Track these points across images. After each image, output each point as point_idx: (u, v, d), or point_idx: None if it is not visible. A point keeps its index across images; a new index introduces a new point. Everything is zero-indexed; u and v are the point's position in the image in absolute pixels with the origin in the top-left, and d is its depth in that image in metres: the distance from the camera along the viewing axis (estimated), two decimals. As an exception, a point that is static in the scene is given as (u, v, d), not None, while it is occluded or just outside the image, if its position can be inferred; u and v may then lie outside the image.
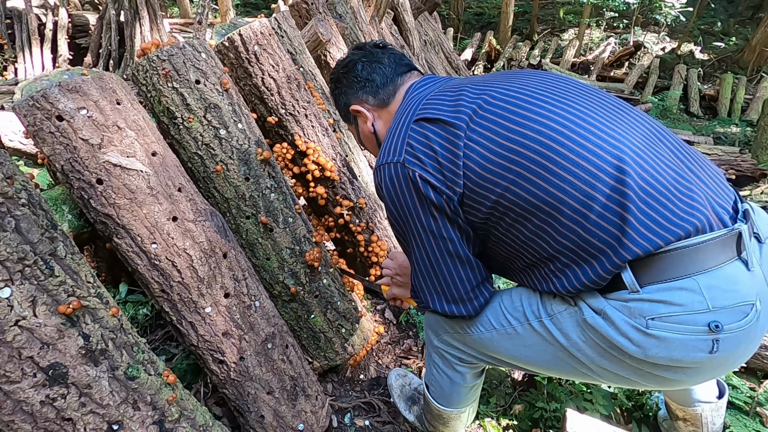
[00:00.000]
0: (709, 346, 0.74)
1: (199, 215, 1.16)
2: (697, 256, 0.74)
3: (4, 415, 0.79)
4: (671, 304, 0.74)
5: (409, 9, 4.38)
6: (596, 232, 0.76)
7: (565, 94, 0.84)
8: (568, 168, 0.77)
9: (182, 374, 1.40)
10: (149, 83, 1.22)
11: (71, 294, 0.85)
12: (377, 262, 1.85)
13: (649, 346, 0.76)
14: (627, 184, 0.75)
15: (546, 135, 0.78)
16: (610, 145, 0.77)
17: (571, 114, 0.80)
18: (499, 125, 0.81)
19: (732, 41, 8.99)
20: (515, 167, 0.79)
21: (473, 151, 0.82)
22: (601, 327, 0.79)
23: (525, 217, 0.82)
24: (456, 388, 1.17)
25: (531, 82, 0.88)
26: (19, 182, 0.82)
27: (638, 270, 0.76)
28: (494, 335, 0.97)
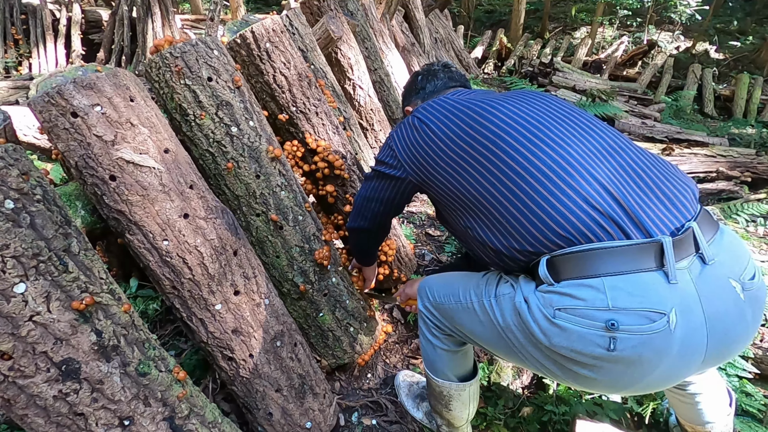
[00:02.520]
0: (606, 342, 0.77)
1: (210, 212, 1.16)
2: (608, 259, 0.80)
3: (18, 409, 0.79)
4: (576, 298, 0.80)
5: (419, 6, 4.36)
6: (520, 218, 0.89)
7: (534, 109, 1.00)
8: (507, 162, 0.92)
9: (191, 370, 1.41)
10: (162, 80, 1.23)
11: (84, 290, 0.85)
12: (386, 261, 1.84)
13: (552, 334, 0.82)
14: (553, 181, 0.87)
15: (495, 136, 0.95)
16: (552, 150, 0.90)
17: (525, 122, 0.95)
18: (458, 127, 1.01)
19: (749, 40, 8.81)
20: (466, 165, 0.98)
21: (430, 147, 1.04)
22: (523, 312, 0.87)
23: (472, 204, 0.99)
24: (438, 354, 1.22)
25: (514, 99, 1.04)
26: (35, 178, 0.83)
27: (558, 266, 0.84)
28: (459, 308, 1.08)
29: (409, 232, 2.41)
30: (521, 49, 7.38)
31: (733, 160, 3.59)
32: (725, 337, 0.81)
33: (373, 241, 1.41)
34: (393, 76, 3.16)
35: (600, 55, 7.82)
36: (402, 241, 1.98)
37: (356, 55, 2.45)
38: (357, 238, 1.40)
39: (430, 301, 1.19)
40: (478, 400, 1.33)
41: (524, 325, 0.87)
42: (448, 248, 2.36)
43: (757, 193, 3.24)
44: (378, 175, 1.19)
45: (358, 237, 1.39)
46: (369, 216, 1.27)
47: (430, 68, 1.38)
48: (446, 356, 1.22)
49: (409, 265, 2.00)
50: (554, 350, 0.83)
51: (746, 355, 1.58)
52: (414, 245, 2.29)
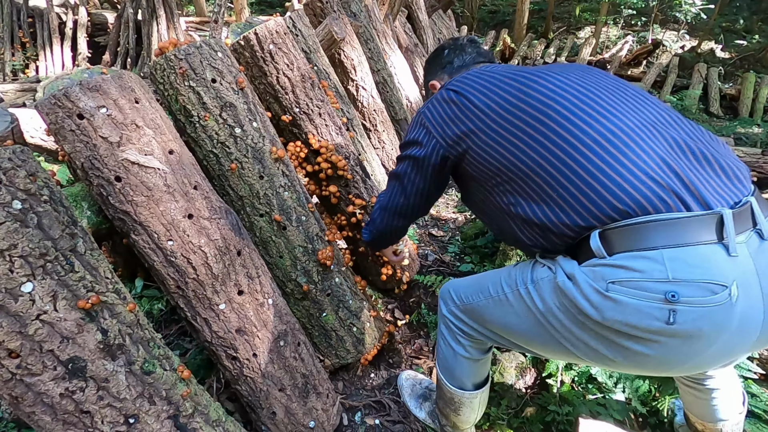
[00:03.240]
0: (665, 315, 0.74)
1: (214, 213, 1.17)
2: (667, 231, 0.77)
3: (25, 407, 0.81)
4: (631, 270, 0.77)
5: (423, 7, 4.36)
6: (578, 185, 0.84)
7: (583, 80, 0.94)
8: (559, 132, 0.87)
9: (196, 369, 1.42)
10: (166, 82, 1.24)
11: (90, 289, 0.86)
12: (388, 261, 1.85)
13: (605, 308, 0.79)
14: (609, 152, 0.83)
15: (545, 106, 0.90)
16: (607, 119, 0.86)
17: (576, 92, 0.91)
18: (503, 98, 0.95)
19: (755, 39, 8.74)
20: (511, 137, 0.92)
21: (471, 120, 0.97)
22: (569, 290, 0.84)
23: (518, 178, 0.93)
24: (459, 362, 1.19)
25: (559, 70, 0.98)
26: (42, 179, 0.84)
27: (610, 239, 0.81)
28: (490, 303, 1.05)
29: (412, 232, 2.41)
30: (525, 49, 7.37)
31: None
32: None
33: (400, 235, 1.33)
34: (396, 77, 3.16)
35: (604, 55, 7.79)
36: (405, 241, 1.99)
37: (359, 56, 2.46)
38: (384, 239, 1.34)
39: (456, 305, 1.15)
40: (486, 404, 1.32)
41: (570, 302, 0.84)
42: (451, 249, 2.36)
43: (764, 192, 3.22)
44: (408, 161, 1.10)
45: (386, 237, 1.33)
46: (408, 213, 1.19)
47: (456, 42, 1.31)
48: (467, 364, 1.19)
49: (412, 266, 2.00)
50: (606, 325, 0.80)
51: (752, 355, 1.57)
52: (417, 245, 2.29)
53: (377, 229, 1.30)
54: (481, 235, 2.30)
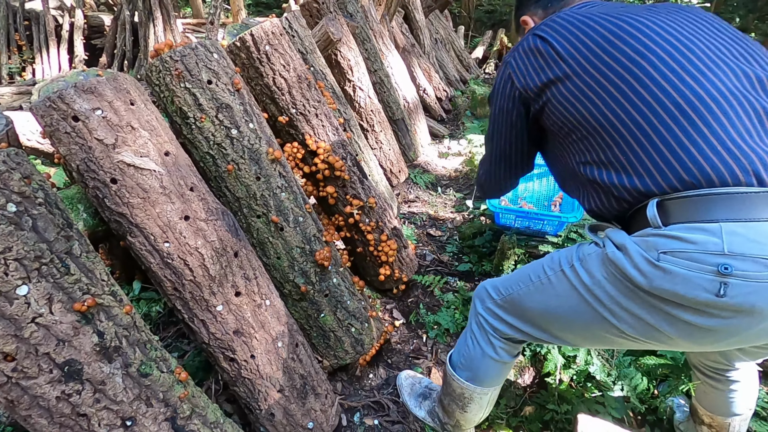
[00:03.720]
0: (716, 287, 0.73)
1: (211, 214, 1.17)
2: (730, 205, 0.74)
3: (21, 410, 0.80)
4: (686, 241, 0.75)
5: (419, 7, 4.37)
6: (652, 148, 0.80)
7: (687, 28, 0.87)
8: (648, 85, 0.81)
9: (194, 371, 1.42)
10: (162, 83, 1.24)
11: (86, 292, 0.86)
12: (387, 262, 1.85)
13: (654, 276, 0.77)
14: (692, 119, 0.78)
15: (638, 55, 0.83)
16: (705, 78, 0.80)
17: (677, 41, 0.83)
18: (595, 42, 0.87)
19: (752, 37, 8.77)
20: (595, 87, 0.86)
21: (552, 71, 0.91)
22: (619, 259, 0.82)
23: (590, 135, 0.88)
24: (485, 362, 1.17)
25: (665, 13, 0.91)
26: (36, 182, 0.84)
27: (668, 208, 0.79)
28: (531, 289, 1.03)
29: (410, 232, 2.41)
30: (522, 49, 7.36)
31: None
32: None
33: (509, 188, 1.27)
34: (393, 77, 3.16)
35: (601, 54, 7.78)
36: (403, 241, 1.99)
37: (356, 56, 2.46)
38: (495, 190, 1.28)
39: (494, 300, 1.13)
40: (494, 404, 1.30)
41: (620, 272, 0.82)
42: (449, 248, 2.36)
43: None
44: (496, 113, 1.07)
45: (497, 189, 1.27)
46: (505, 164, 1.15)
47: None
48: (493, 366, 1.17)
49: (410, 266, 2.00)
50: (654, 293, 0.79)
51: (749, 352, 1.57)
52: (415, 245, 2.29)
53: (483, 184, 1.28)
54: (479, 235, 2.30)
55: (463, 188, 3.07)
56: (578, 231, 1.98)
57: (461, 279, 2.12)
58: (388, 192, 2.43)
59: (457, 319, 1.85)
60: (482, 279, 2.11)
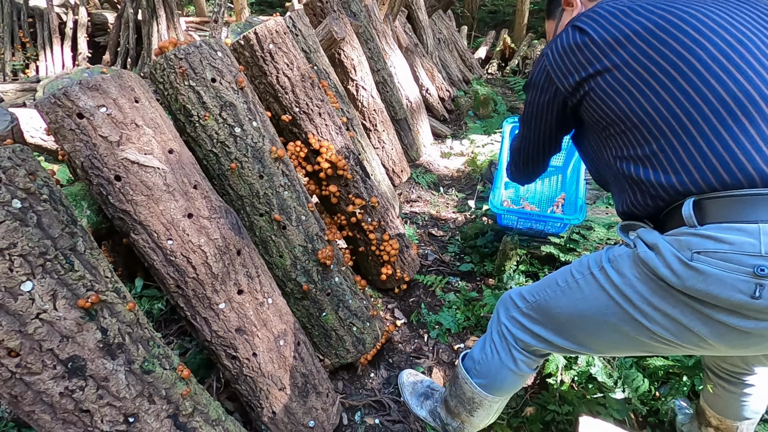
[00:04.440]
0: (751, 289, 0.71)
1: (214, 212, 1.17)
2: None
3: (25, 406, 0.81)
4: (721, 241, 0.73)
5: (423, 7, 4.36)
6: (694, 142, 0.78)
7: (745, 18, 0.82)
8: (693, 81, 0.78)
9: (195, 369, 1.42)
10: (166, 81, 1.24)
11: (90, 288, 0.86)
12: (389, 261, 1.85)
13: (687, 276, 0.76)
14: (737, 117, 0.75)
15: (691, 42, 0.79)
16: (756, 73, 0.76)
17: (729, 33, 0.79)
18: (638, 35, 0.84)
19: None
20: (642, 73, 0.82)
21: (591, 64, 0.89)
22: (651, 259, 0.80)
23: (630, 129, 0.86)
24: (503, 372, 1.16)
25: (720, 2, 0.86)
26: (41, 178, 0.84)
27: (705, 208, 0.76)
28: (558, 293, 1.02)
29: (412, 232, 2.41)
30: (525, 49, 7.36)
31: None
32: None
33: (538, 174, 1.29)
34: (396, 76, 3.16)
35: (604, 55, 7.77)
36: (405, 241, 1.99)
37: (359, 55, 2.46)
38: (525, 177, 1.31)
39: (518, 308, 1.11)
40: (500, 412, 1.29)
41: (652, 271, 0.81)
42: (451, 248, 2.36)
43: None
44: (531, 104, 1.06)
45: (527, 175, 1.29)
46: (535, 154, 1.17)
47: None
48: (510, 377, 1.16)
49: (412, 265, 2.00)
50: (687, 293, 0.77)
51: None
52: (417, 245, 2.29)
53: (514, 170, 1.30)
54: (481, 235, 2.30)
55: (465, 188, 3.06)
56: (580, 232, 1.98)
57: (463, 279, 2.12)
58: (390, 191, 2.43)
59: (458, 319, 1.85)
60: (484, 279, 2.11)
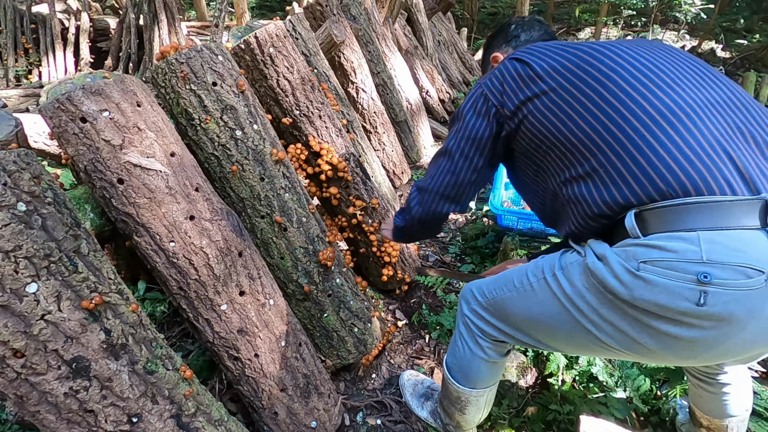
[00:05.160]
0: (696, 296, 0.73)
1: (216, 214, 1.19)
2: (707, 214, 0.75)
3: (30, 406, 0.82)
4: (665, 250, 0.76)
5: (422, 10, 4.38)
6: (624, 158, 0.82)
7: (650, 53, 0.92)
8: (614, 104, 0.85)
9: (198, 370, 1.43)
10: (168, 85, 1.26)
11: (94, 290, 0.88)
12: (390, 262, 1.86)
13: (635, 287, 0.78)
14: (663, 128, 0.81)
15: (606, 74, 0.88)
16: (666, 94, 0.83)
17: (640, 63, 0.88)
18: (565, 67, 0.92)
19: (755, 38, 8.73)
20: (570, 102, 0.89)
21: (530, 89, 0.94)
22: (599, 270, 0.83)
23: (568, 150, 0.91)
24: (476, 363, 1.18)
25: (628, 43, 0.96)
26: (46, 182, 0.85)
27: (646, 219, 0.80)
28: (514, 294, 1.04)
29: (413, 233, 2.42)
30: (525, 51, 7.37)
31: (739, 159, 3.56)
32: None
33: (439, 223, 1.20)
34: (396, 78, 3.18)
35: (604, 56, 7.78)
36: (406, 242, 2.00)
37: (359, 58, 2.48)
38: (421, 228, 1.21)
39: (479, 302, 1.14)
40: (492, 403, 1.31)
41: (600, 282, 0.83)
42: (452, 249, 2.37)
43: (765, 191, 3.21)
44: (463, 133, 1.05)
45: (424, 225, 1.20)
46: (455, 194, 1.10)
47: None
48: (484, 366, 1.18)
49: (412, 266, 2.01)
50: (635, 304, 0.79)
51: (753, 353, 1.57)
52: (417, 246, 2.30)
53: (414, 215, 1.17)
54: (482, 236, 2.31)
55: (465, 189, 3.07)
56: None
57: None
58: (390, 193, 2.44)
59: (459, 320, 1.85)
60: (485, 280, 2.11)
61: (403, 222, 1.24)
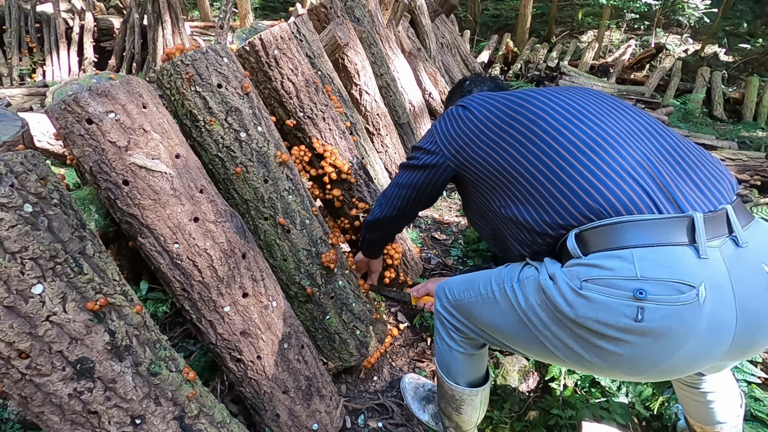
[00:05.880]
0: (634, 312, 0.77)
1: (220, 216, 1.19)
2: (639, 232, 0.81)
3: (34, 407, 0.82)
4: (603, 268, 0.80)
5: (426, 12, 4.39)
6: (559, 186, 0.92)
7: (574, 96, 1.04)
8: (544, 138, 0.96)
9: (200, 371, 1.43)
10: (173, 87, 1.26)
11: (98, 291, 0.88)
12: (392, 265, 1.86)
13: (578, 305, 0.82)
14: (588, 156, 0.90)
15: (535, 116, 1.00)
16: (589, 127, 0.94)
17: (565, 104, 1.01)
18: (502, 112, 1.06)
19: (758, 43, 8.72)
20: (504, 143, 1.02)
21: (471, 131, 1.10)
22: (549, 288, 0.87)
23: (508, 182, 1.02)
24: (454, 357, 1.22)
25: (557, 90, 1.09)
26: (52, 183, 0.85)
27: (587, 239, 0.85)
28: (478, 300, 1.09)
29: (415, 235, 2.42)
30: (528, 53, 7.39)
31: (742, 164, 3.56)
32: (755, 321, 0.79)
33: (393, 230, 1.42)
34: (399, 81, 3.18)
35: (607, 59, 7.79)
36: (408, 244, 2.00)
37: (363, 60, 2.48)
38: (377, 229, 1.41)
39: (449, 300, 1.19)
40: (487, 404, 1.33)
41: (549, 301, 0.87)
42: (454, 252, 2.37)
43: (767, 196, 3.21)
44: (415, 163, 1.23)
45: (379, 227, 1.40)
46: (398, 204, 1.30)
47: (478, 75, 1.55)
48: (462, 359, 1.21)
49: (415, 269, 2.01)
50: (579, 323, 0.82)
51: (755, 360, 1.57)
52: (420, 249, 2.30)
53: (378, 215, 1.38)
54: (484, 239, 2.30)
55: (468, 192, 3.07)
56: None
57: (466, 283, 2.12)
58: (393, 195, 2.44)
59: (461, 323, 1.85)
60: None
61: (369, 251, 1.53)
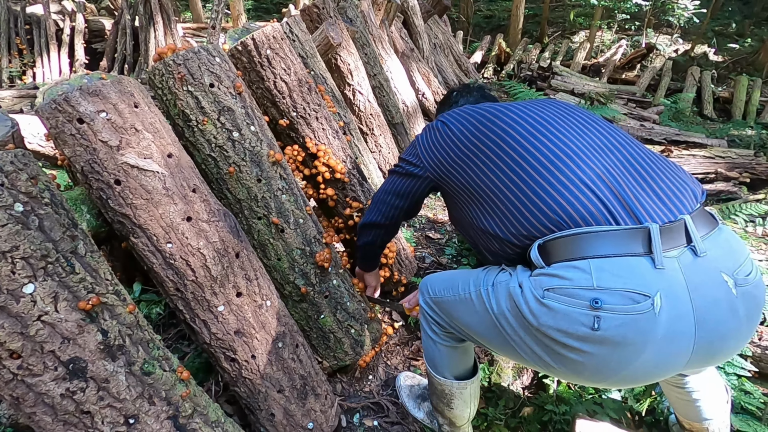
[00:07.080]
0: (591, 321, 0.79)
1: (213, 216, 1.19)
2: (596, 242, 0.83)
3: (26, 408, 0.81)
4: (563, 278, 0.83)
5: (418, 12, 4.40)
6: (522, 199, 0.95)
7: (543, 111, 1.08)
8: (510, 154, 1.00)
9: (194, 372, 1.42)
10: (165, 87, 1.26)
11: (91, 291, 0.87)
12: (386, 264, 1.86)
13: (540, 314, 0.85)
14: (549, 170, 0.93)
15: (503, 132, 1.04)
16: (552, 142, 0.98)
17: (532, 119, 1.04)
18: (475, 127, 1.10)
19: (747, 43, 8.84)
20: (475, 158, 1.06)
21: (449, 146, 1.13)
22: (516, 295, 0.90)
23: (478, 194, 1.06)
24: (439, 350, 1.24)
25: (529, 104, 1.12)
26: (43, 182, 0.85)
27: (549, 249, 0.88)
28: (456, 300, 1.12)
29: (409, 235, 2.43)
30: (520, 54, 7.43)
31: (731, 161, 3.61)
32: (716, 331, 0.81)
33: (382, 239, 1.43)
34: (392, 81, 3.19)
35: (599, 59, 7.86)
36: (402, 243, 2.00)
37: (356, 60, 2.49)
38: (367, 236, 1.43)
39: (430, 296, 1.22)
40: (479, 398, 1.34)
41: (516, 308, 0.90)
42: (448, 251, 2.38)
43: (756, 193, 3.26)
44: (400, 171, 1.27)
45: (369, 234, 1.42)
46: (384, 210, 1.33)
47: (465, 86, 1.56)
48: (447, 352, 1.23)
49: (409, 268, 2.01)
50: (543, 332, 0.85)
51: (745, 353, 1.59)
52: (414, 248, 2.31)
53: (366, 219, 1.41)
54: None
55: (461, 191, 3.08)
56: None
57: (460, 281, 2.13)
58: (387, 195, 2.44)
59: (455, 321, 1.86)
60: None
61: (364, 263, 1.54)
